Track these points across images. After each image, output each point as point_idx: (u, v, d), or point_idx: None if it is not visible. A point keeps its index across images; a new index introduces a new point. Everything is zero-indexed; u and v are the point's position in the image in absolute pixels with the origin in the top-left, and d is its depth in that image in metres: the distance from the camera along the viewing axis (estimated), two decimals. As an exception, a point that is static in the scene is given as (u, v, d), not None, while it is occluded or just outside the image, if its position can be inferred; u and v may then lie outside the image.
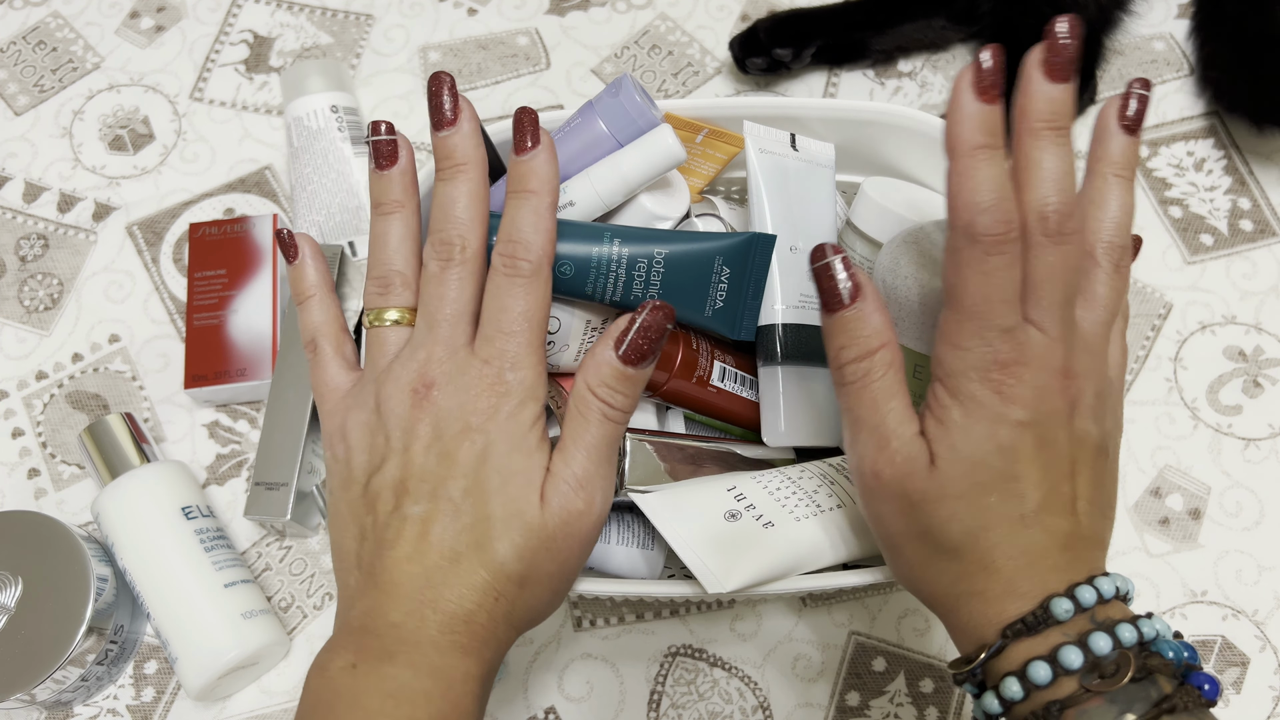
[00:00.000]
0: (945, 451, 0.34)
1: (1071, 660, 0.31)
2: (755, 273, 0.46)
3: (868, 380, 0.35)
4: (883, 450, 0.35)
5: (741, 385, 0.49)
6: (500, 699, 0.53)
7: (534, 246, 0.37)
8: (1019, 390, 0.33)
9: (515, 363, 0.36)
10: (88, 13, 0.72)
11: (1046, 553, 0.33)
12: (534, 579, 0.36)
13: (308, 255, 0.41)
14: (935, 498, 0.34)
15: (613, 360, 0.36)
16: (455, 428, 0.36)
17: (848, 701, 0.53)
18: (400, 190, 0.39)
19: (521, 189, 0.38)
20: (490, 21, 0.71)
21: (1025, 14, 0.65)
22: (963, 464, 0.34)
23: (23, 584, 0.51)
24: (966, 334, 0.33)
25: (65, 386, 0.61)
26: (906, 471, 0.34)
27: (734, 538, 0.40)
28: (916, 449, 0.34)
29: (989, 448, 0.33)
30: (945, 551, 0.34)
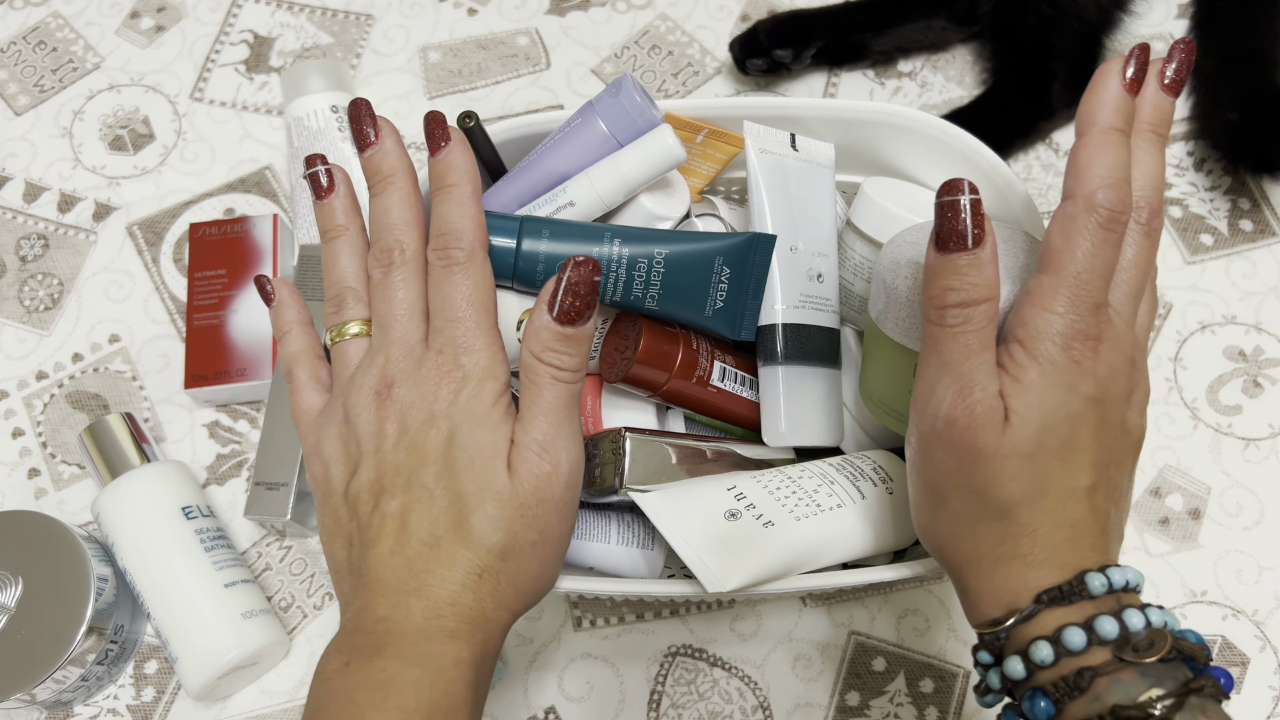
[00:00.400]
0: (1021, 408, 0.34)
1: (1108, 630, 0.31)
2: (756, 273, 0.46)
3: (968, 327, 0.35)
4: (964, 398, 0.34)
5: (742, 385, 0.49)
6: (500, 699, 0.53)
7: (463, 234, 0.38)
8: (1096, 366, 0.34)
9: (466, 347, 0.37)
10: (88, 13, 0.72)
11: (1089, 531, 0.34)
12: (515, 549, 0.36)
13: (285, 297, 0.43)
14: (1005, 454, 0.34)
15: (549, 324, 0.37)
16: (420, 418, 0.37)
17: (848, 701, 0.53)
18: (342, 214, 0.41)
19: (441, 185, 0.39)
20: (490, 21, 0.71)
21: (1025, 14, 0.65)
22: (1035, 424, 0.34)
23: (23, 584, 0.51)
24: (1061, 300, 0.34)
25: (65, 386, 0.61)
26: (983, 423, 0.34)
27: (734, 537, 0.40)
28: (996, 403, 0.34)
29: (1061, 414, 0.34)
30: (996, 510, 0.34)
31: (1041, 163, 0.66)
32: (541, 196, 0.48)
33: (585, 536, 0.47)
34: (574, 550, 0.47)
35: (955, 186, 0.34)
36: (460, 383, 0.37)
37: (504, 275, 0.44)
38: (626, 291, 0.45)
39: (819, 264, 0.49)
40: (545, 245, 0.44)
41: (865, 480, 0.44)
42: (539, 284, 0.45)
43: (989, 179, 0.49)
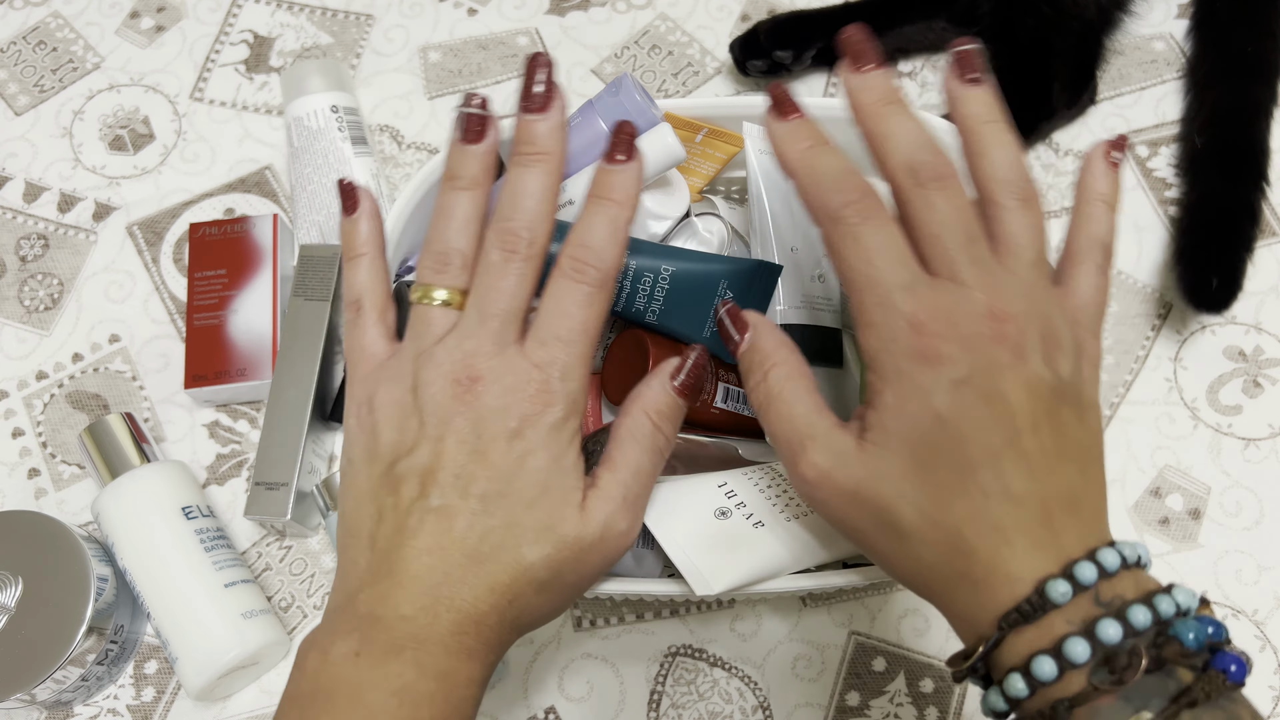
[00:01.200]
0: (878, 435, 0.32)
1: (1077, 653, 0.28)
2: (758, 299, 0.46)
3: (770, 397, 0.35)
4: (804, 452, 0.34)
5: (743, 405, 0.49)
6: (500, 699, 0.53)
7: (606, 258, 0.36)
8: (945, 347, 0.31)
9: (566, 372, 0.35)
10: (88, 13, 0.72)
11: (1023, 526, 0.31)
12: (553, 586, 0.35)
13: (365, 213, 0.39)
14: (874, 480, 0.32)
15: (669, 391, 0.37)
16: (495, 429, 0.35)
17: (848, 701, 0.53)
18: (479, 168, 0.37)
19: (606, 196, 0.37)
20: (490, 21, 0.71)
21: (1025, 14, 0.65)
22: (898, 442, 0.32)
23: (23, 584, 0.51)
24: (869, 306, 0.32)
25: (65, 386, 0.61)
26: (834, 463, 0.33)
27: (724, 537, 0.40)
28: (838, 439, 0.34)
29: (926, 421, 0.31)
30: (909, 536, 0.32)
31: (1041, 163, 0.66)
32: (542, 196, 0.48)
33: (585, 536, 0.47)
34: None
35: (723, 312, 0.38)
36: (547, 406, 0.35)
37: None
38: (629, 303, 0.46)
39: (820, 264, 0.49)
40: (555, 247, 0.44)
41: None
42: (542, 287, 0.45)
43: (989, 179, 0.48)
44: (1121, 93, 0.68)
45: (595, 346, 0.36)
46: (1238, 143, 0.62)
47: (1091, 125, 0.67)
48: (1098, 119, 0.67)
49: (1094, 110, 0.67)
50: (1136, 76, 0.68)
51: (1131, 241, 0.63)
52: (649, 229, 0.49)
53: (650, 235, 0.49)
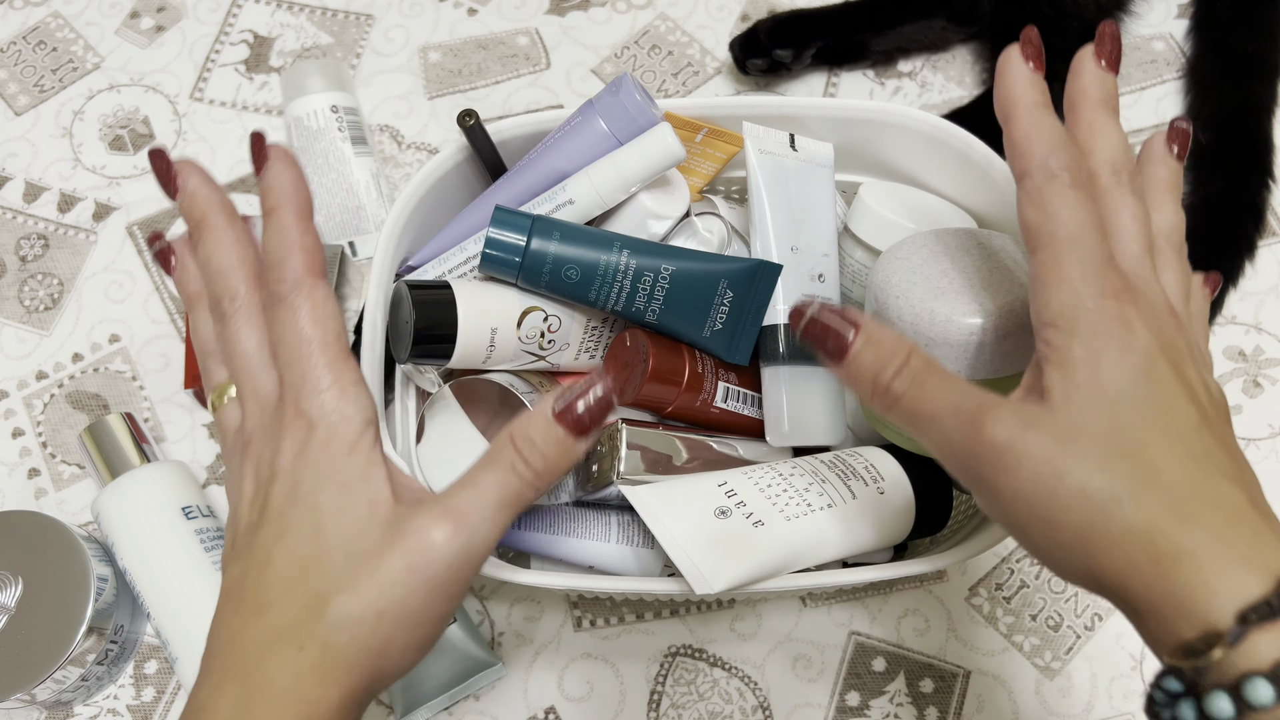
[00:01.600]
0: (1068, 393, 0.30)
1: None
2: (757, 299, 0.46)
3: (921, 378, 0.32)
4: (986, 418, 0.31)
5: (744, 404, 0.49)
6: (500, 699, 0.53)
7: (286, 264, 0.34)
8: (1139, 320, 0.31)
9: (309, 388, 0.33)
10: (88, 13, 0.72)
11: (1242, 509, 0.29)
12: (356, 620, 0.32)
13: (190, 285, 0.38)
14: (1072, 439, 0.30)
15: (549, 418, 0.33)
16: (265, 474, 0.34)
17: (848, 701, 0.53)
18: (193, 281, 0.38)
19: (263, 212, 0.35)
20: (490, 21, 0.71)
21: (1025, 14, 0.65)
22: (1094, 399, 0.30)
23: (23, 584, 0.51)
24: (1070, 263, 0.31)
25: (65, 386, 0.61)
26: (1024, 425, 0.30)
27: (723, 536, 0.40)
28: (1018, 404, 0.31)
29: (1126, 376, 0.30)
30: (1118, 502, 0.29)
31: (1041, 163, 0.66)
32: (541, 194, 0.48)
33: (585, 536, 0.47)
34: (574, 549, 0.47)
35: (798, 313, 0.33)
36: (306, 431, 0.33)
37: (509, 271, 0.45)
38: (629, 302, 0.46)
39: (820, 264, 0.49)
40: (555, 247, 0.44)
41: (856, 479, 0.44)
42: (543, 285, 0.45)
43: (989, 178, 0.49)
44: (1122, 93, 0.68)
45: (334, 345, 0.34)
46: (1241, 140, 0.62)
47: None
48: (1098, 119, 0.67)
49: (1094, 110, 0.67)
50: (1136, 76, 0.68)
51: (1131, 241, 0.63)
52: (649, 229, 0.49)
53: (650, 235, 0.49)
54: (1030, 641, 0.54)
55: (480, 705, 0.53)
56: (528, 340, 0.46)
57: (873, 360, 0.33)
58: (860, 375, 0.33)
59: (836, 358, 0.33)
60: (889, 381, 0.33)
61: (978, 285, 0.40)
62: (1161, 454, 0.29)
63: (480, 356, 0.45)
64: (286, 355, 0.34)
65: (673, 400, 0.47)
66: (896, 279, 0.41)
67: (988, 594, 0.55)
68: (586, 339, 0.49)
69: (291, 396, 0.33)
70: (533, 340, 0.46)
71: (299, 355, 0.33)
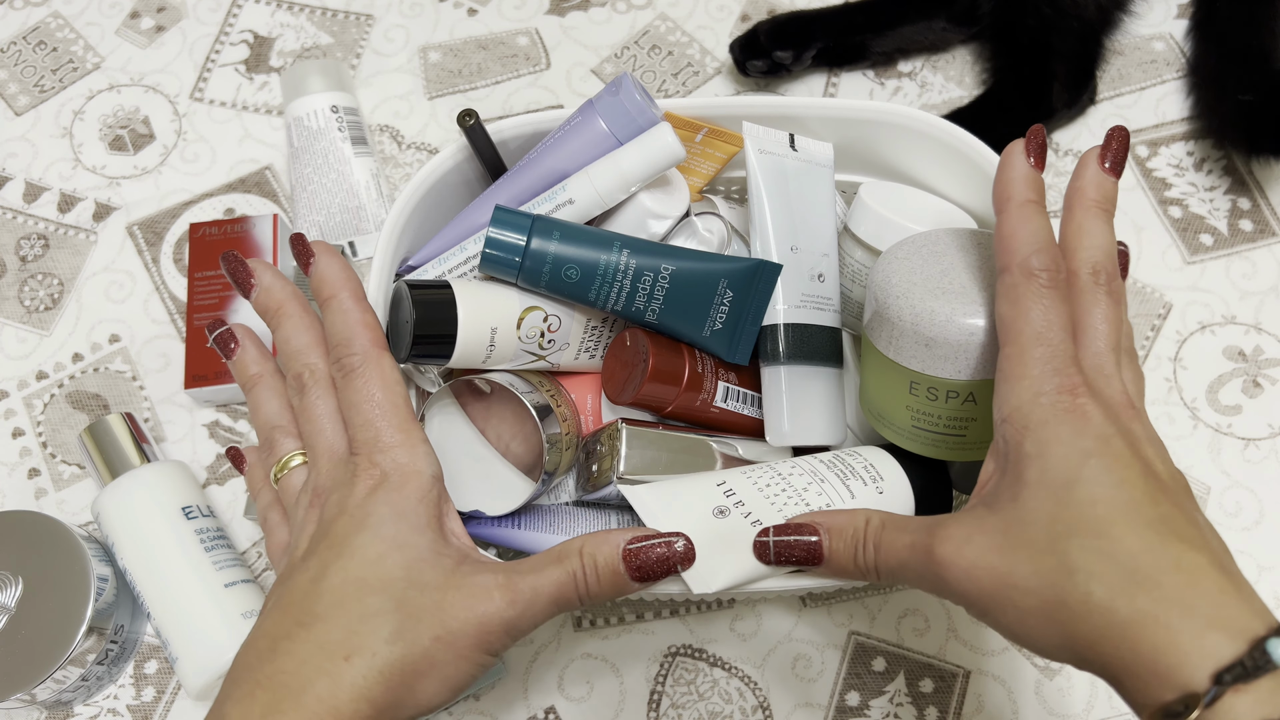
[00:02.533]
0: (1020, 487, 0.31)
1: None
2: (758, 299, 0.46)
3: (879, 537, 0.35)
4: (929, 547, 0.33)
5: (744, 403, 0.49)
6: (500, 699, 0.53)
7: (352, 341, 0.39)
8: (1095, 407, 0.32)
9: (380, 445, 0.37)
10: (88, 13, 0.72)
11: (1212, 576, 0.29)
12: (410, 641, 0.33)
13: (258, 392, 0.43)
14: (1017, 529, 0.31)
15: (618, 548, 0.36)
16: (333, 513, 0.36)
17: (848, 701, 0.53)
18: (253, 363, 0.42)
19: (321, 299, 0.40)
20: (490, 21, 0.71)
21: (1025, 14, 0.65)
22: (1048, 486, 0.31)
23: (23, 584, 0.51)
24: (1032, 362, 0.33)
25: (65, 386, 0.61)
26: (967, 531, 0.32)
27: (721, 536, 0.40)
28: (961, 514, 0.33)
29: (1076, 460, 0.31)
30: (1078, 572, 0.30)
31: (1041, 163, 0.66)
32: (541, 194, 0.48)
33: (585, 536, 0.47)
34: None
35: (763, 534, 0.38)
36: (379, 480, 0.36)
37: (509, 271, 0.45)
38: (629, 302, 0.46)
39: (820, 264, 0.49)
40: (555, 246, 0.44)
41: (856, 479, 0.43)
42: (543, 285, 0.45)
43: (988, 178, 0.49)
44: (1121, 93, 0.68)
45: (402, 409, 0.38)
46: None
47: (1091, 125, 0.67)
48: (1098, 119, 0.67)
49: (1094, 110, 0.67)
50: (1136, 76, 0.68)
51: (1131, 241, 0.63)
52: (649, 229, 0.49)
53: (650, 235, 0.49)
54: (1030, 641, 0.54)
55: (480, 705, 0.53)
56: (527, 340, 0.46)
57: (844, 547, 0.36)
58: (843, 565, 0.36)
59: (817, 563, 0.37)
60: (863, 558, 0.35)
61: (978, 285, 0.40)
62: (1116, 526, 0.30)
63: (480, 356, 0.45)
64: (360, 419, 0.37)
65: (673, 400, 0.47)
66: (897, 279, 0.41)
67: (988, 594, 0.55)
68: (586, 339, 0.49)
69: (365, 452, 0.37)
70: (532, 340, 0.46)
71: (372, 417, 0.37)
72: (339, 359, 0.39)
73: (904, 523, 0.35)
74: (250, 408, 0.42)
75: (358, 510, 0.36)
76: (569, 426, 0.47)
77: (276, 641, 0.33)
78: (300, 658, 0.32)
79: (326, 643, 0.32)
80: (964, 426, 0.42)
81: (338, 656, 0.32)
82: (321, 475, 0.38)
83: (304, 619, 0.33)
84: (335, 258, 0.40)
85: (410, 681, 0.33)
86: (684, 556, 0.36)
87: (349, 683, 0.31)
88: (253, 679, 0.32)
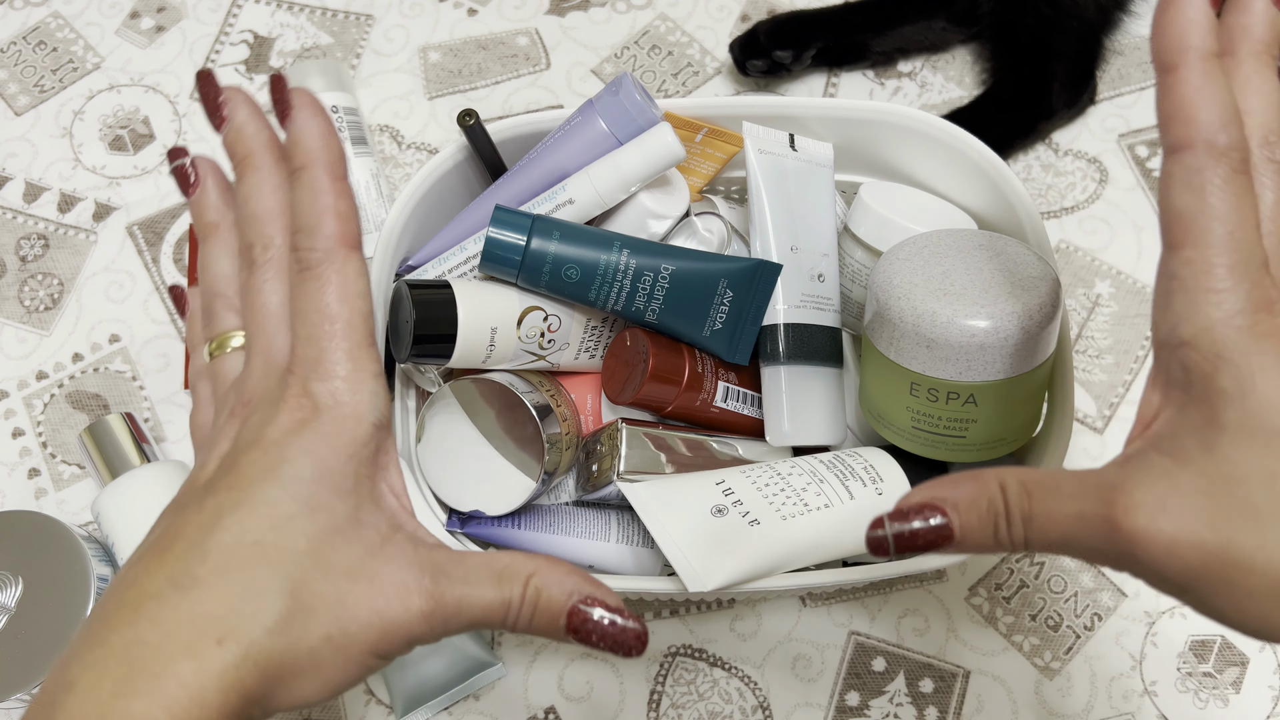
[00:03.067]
0: (1219, 434, 0.26)
1: None
2: (758, 299, 0.47)
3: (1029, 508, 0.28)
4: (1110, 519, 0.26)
5: (744, 403, 0.49)
6: (500, 699, 0.53)
7: (317, 230, 0.31)
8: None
9: (323, 370, 0.30)
10: (88, 13, 0.72)
11: None
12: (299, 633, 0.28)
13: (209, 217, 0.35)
14: (1227, 489, 0.25)
15: (565, 597, 0.30)
16: (248, 439, 0.30)
17: (848, 701, 0.53)
18: (213, 209, 0.35)
19: (292, 167, 0.32)
20: (490, 21, 0.71)
21: (1025, 14, 0.65)
22: (1257, 435, 0.25)
23: (23, 584, 0.51)
24: (1224, 271, 0.26)
25: (65, 386, 0.61)
26: (1160, 493, 0.26)
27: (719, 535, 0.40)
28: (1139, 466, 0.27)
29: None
30: None
31: (1041, 163, 0.66)
32: (541, 194, 0.48)
33: (585, 535, 0.47)
34: (574, 549, 0.47)
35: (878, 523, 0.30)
36: (309, 413, 0.30)
37: (509, 271, 0.45)
38: (629, 302, 0.46)
39: (820, 264, 0.49)
40: (555, 246, 0.44)
41: (855, 480, 0.44)
42: (543, 285, 0.45)
43: (989, 179, 0.49)
44: (1121, 93, 0.68)
45: (359, 329, 0.31)
46: None
47: (1091, 125, 0.67)
48: (1097, 119, 0.67)
49: (1094, 110, 0.67)
50: (1136, 76, 0.68)
51: (1131, 241, 0.63)
52: (649, 229, 0.49)
53: (650, 234, 0.49)
54: (1030, 641, 0.54)
55: (480, 705, 0.53)
56: (527, 340, 0.46)
57: (979, 522, 0.29)
58: (980, 543, 0.29)
59: (948, 547, 0.29)
60: (1007, 534, 0.29)
61: (980, 287, 0.40)
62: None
63: (480, 356, 0.45)
64: (306, 330, 0.31)
65: (673, 400, 0.47)
66: (898, 280, 0.41)
67: (987, 594, 0.55)
68: (586, 339, 0.49)
69: (301, 373, 0.30)
70: (532, 340, 0.46)
71: (319, 333, 0.30)
72: (297, 248, 0.31)
73: (1055, 484, 0.28)
74: (199, 261, 0.35)
75: (273, 448, 0.29)
76: (569, 426, 0.47)
77: (144, 600, 0.27)
78: (166, 628, 0.26)
79: (199, 616, 0.27)
80: (964, 428, 0.42)
81: (209, 636, 0.26)
82: (253, 380, 0.32)
83: (180, 580, 0.27)
84: (319, 116, 0.32)
85: (286, 678, 0.28)
86: (626, 643, 0.30)
87: (218, 670, 0.26)
88: (107, 645, 0.26)
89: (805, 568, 0.42)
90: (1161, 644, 0.54)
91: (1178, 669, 0.53)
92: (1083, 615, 0.54)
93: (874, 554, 0.30)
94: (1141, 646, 0.54)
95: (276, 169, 0.33)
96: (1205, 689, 0.53)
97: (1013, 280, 0.40)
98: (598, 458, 0.46)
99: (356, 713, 0.53)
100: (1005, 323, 0.39)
